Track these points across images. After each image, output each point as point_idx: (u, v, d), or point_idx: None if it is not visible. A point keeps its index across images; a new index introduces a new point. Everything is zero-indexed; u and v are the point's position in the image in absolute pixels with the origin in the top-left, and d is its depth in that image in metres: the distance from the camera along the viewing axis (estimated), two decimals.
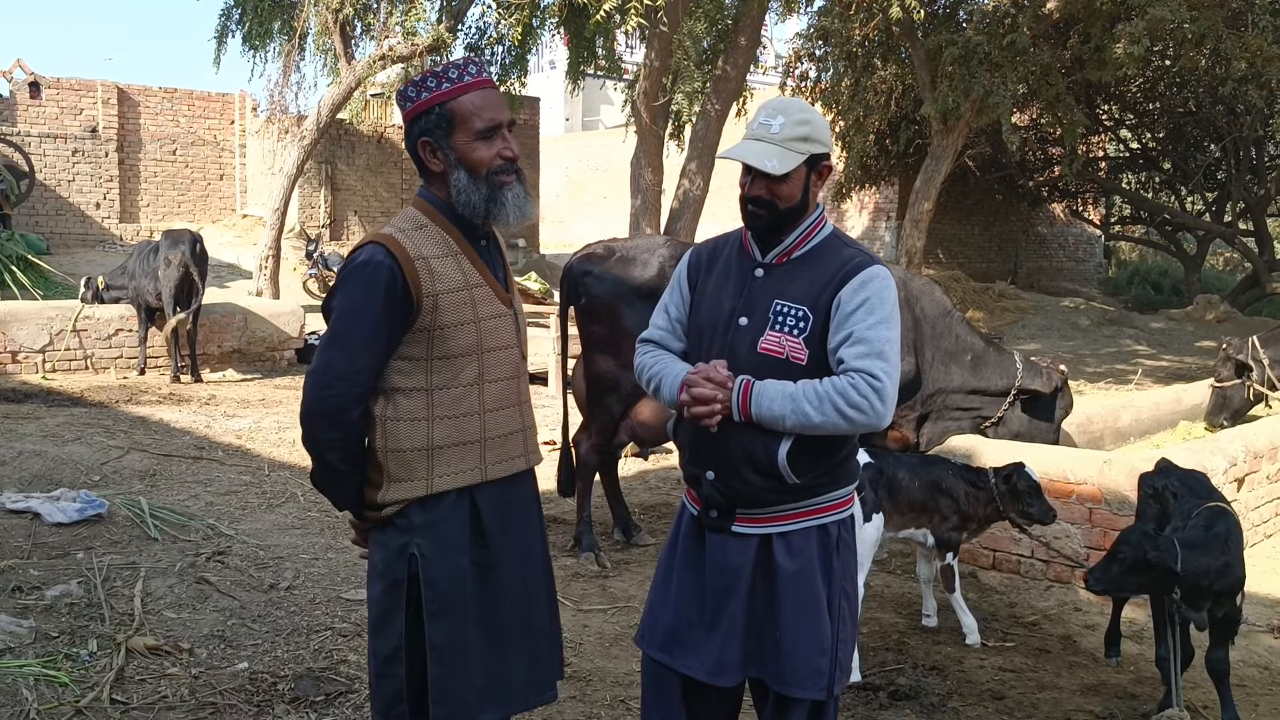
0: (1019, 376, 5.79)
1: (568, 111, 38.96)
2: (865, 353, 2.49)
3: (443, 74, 2.50)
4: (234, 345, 11.51)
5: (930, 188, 13.52)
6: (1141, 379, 12.64)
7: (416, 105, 2.51)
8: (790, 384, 2.54)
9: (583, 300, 5.63)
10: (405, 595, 2.49)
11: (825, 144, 2.64)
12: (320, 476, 2.54)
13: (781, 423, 2.52)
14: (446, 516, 2.51)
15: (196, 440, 7.98)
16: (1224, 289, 21.83)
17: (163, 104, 20.33)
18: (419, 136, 2.52)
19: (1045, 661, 4.49)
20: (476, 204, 2.50)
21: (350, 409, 2.44)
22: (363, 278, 2.43)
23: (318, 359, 2.48)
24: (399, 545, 2.51)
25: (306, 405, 2.46)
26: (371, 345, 2.44)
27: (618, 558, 5.69)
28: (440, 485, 2.50)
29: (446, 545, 2.50)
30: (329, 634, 4.45)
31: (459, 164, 2.50)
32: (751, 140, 2.64)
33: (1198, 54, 14.60)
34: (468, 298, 2.51)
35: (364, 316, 2.42)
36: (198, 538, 5.58)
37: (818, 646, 2.61)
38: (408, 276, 2.43)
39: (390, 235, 2.48)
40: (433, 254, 2.48)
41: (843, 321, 2.54)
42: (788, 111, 2.63)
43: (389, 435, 2.49)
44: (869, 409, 2.47)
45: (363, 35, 15.90)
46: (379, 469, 2.50)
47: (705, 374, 2.58)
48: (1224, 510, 3.87)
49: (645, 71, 13.11)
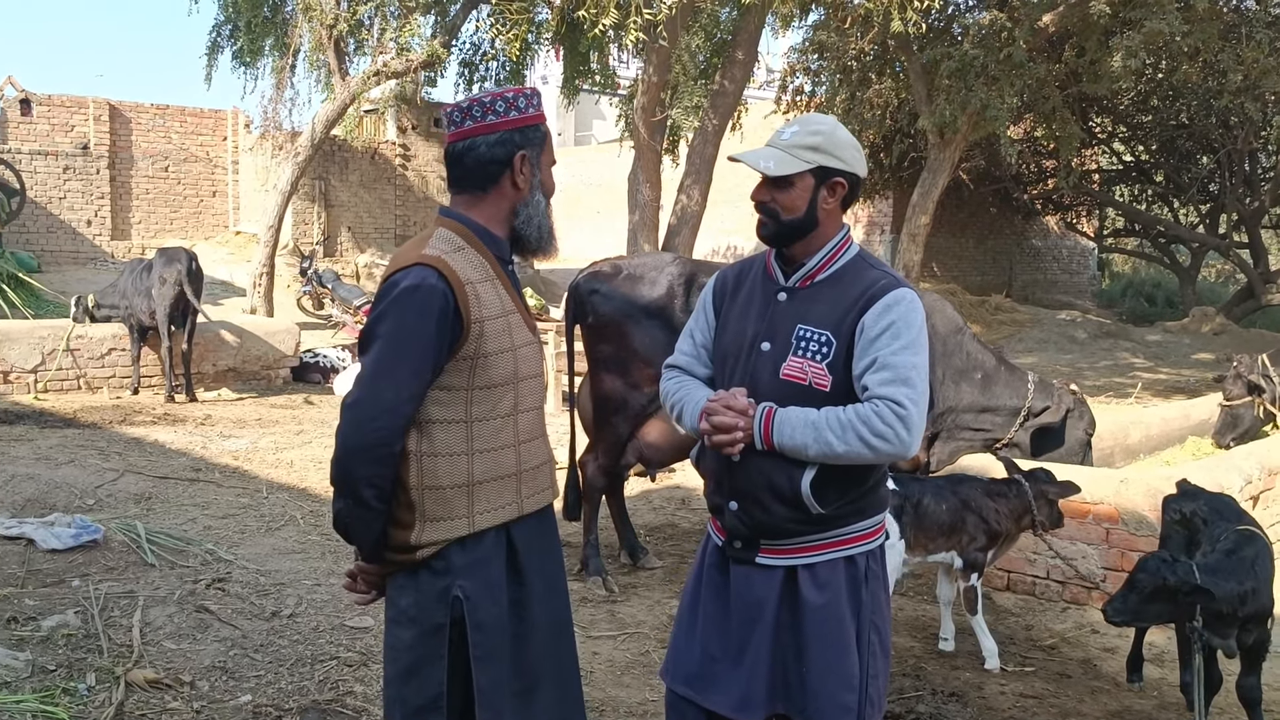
0: (1030, 396, 5.71)
1: (560, 126, 38.89)
2: (890, 379, 2.41)
3: (530, 97, 2.44)
4: (229, 364, 11.39)
5: (927, 201, 13.48)
6: (1141, 392, 12.60)
7: (528, 116, 2.42)
8: (813, 411, 2.46)
9: (590, 319, 5.55)
10: (447, 640, 2.37)
11: (840, 160, 2.55)
12: (349, 516, 2.36)
13: (804, 452, 2.44)
14: (489, 555, 2.40)
15: (193, 461, 7.87)
16: (1218, 301, 21.85)
17: (155, 120, 20.23)
18: (520, 147, 2.41)
19: (1066, 687, 4.40)
20: (546, 230, 2.47)
21: (395, 442, 2.31)
22: (414, 302, 2.29)
23: (362, 389, 2.32)
24: (439, 589, 2.37)
25: (348, 440, 2.30)
26: (420, 373, 2.31)
27: (625, 581, 5.59)
28: (482, 523, 2.38)
29: (490, 586, 2.39)
30: (334, 663, 4.34)
31: (539, 186, 2.44)
32: (764, 146, 2.60)
33: (1192, 67, 14.63)
34: (505, 324, 2.41)
35: (414, 343, 2.29)
36: (196, 563, 5.46)
37: (845, 683, 2.52)
38: (460, 301, 2.31)
39: (437, 256, 2.34)
40: (476, 278, 2.38)
41: (867, 347, 2.46)
42: (805, 123, 2.58)
43: (425, 472, 2.35)
44: (894, 438, 2.38)
45: (356, 51, 15.86)
46: (409, 508, 2.36)
47: (725, 401, 2.51)
48: (1253, 534, 3.79)
49: (643, 87, 13.05)
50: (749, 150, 2.59)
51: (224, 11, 15.80)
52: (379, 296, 2.37)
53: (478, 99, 2.44)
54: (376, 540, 2.40)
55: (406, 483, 2.36)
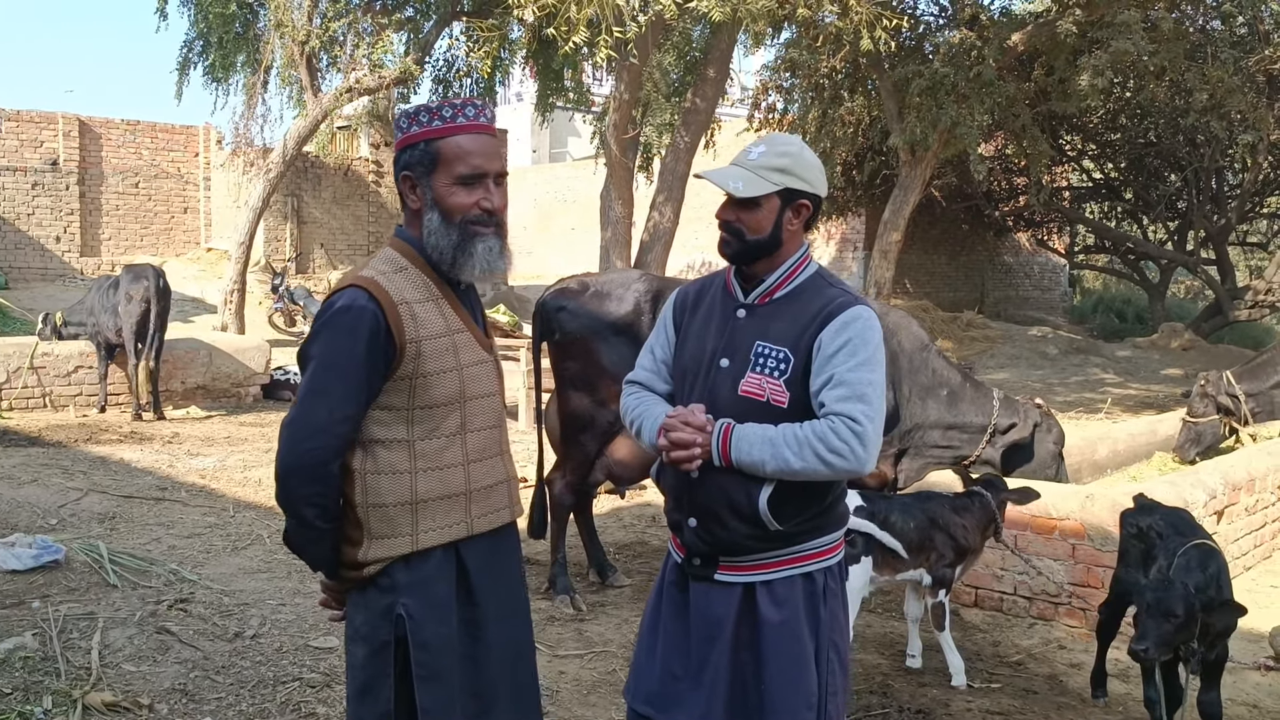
0: (996, 413, 5.72)
1: (535, 143, 38.97)
2: (846, 396, 2.42)
3: (437, 110, 2.39)
4: (198, 381, 11.29)
5: (899, 218, 13.55)
6: (1111, 408, 12.68)
7: (405, 137, 2.40)
8: (771, 428, 2.46)
9: (556, 336, 5.53)
10: (392, 658, 2.36)
11: (807, 182, 2.57)
12: (296, 535, 2.39)
13: (762, 468, 2.45)
14: (433, 574, 2.39)
15: (159, 480, 7.79)
16: (1187, 317, 22.05)
17: (125, 136, 20.11)
18: (402, 169, 2.41)
19: (1033, 703, 4.40)
20: (444, 249, 2.38)
21: (330, 462, 2.31)
22: (344, 323, 2.31)
23: (296, 409, 2.34)
24: (383, 606, 2.37)
25: (283, 459, 2.32)
26: (354, 394, 2.31)
27: (593, 600, 5.56)
28: (426, 541, 2.37)
29: (435, 605, 2.38)
30: (297, 685, 4.29)
31: (434, 205, 2.38)
32: (730, 165, 2.60)
33: (1158, 86, 14.80)
34: (450, 344, 2.40)
35: (345, 364, 2.30)
36: (159, 584, 5.40)
37: (804, 700, 2.52)
38: (391, 322, 2.31)
39: (371, 278, 2.35)
40: (415, 298, 2.37)
41: (824, 364, 2.47)
42: (773, 143, 2.59)
43: (369, 489, 2.36)
44: (850, 454, 2.40)
45: (329, 67, 15.82)
46: (358, 525, 2.37)
47: (684, 417, 2.51)
48: (1212, 549, 3.81)
49: (615, 104, 13.09)
50: (716, 169, 2.60)
51: (195, 28, 15.72)
52: (315, 318, 2.39)
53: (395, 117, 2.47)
54: (328, 558, 2.41)
55: (353, 500, 2.37)
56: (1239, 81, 13.51)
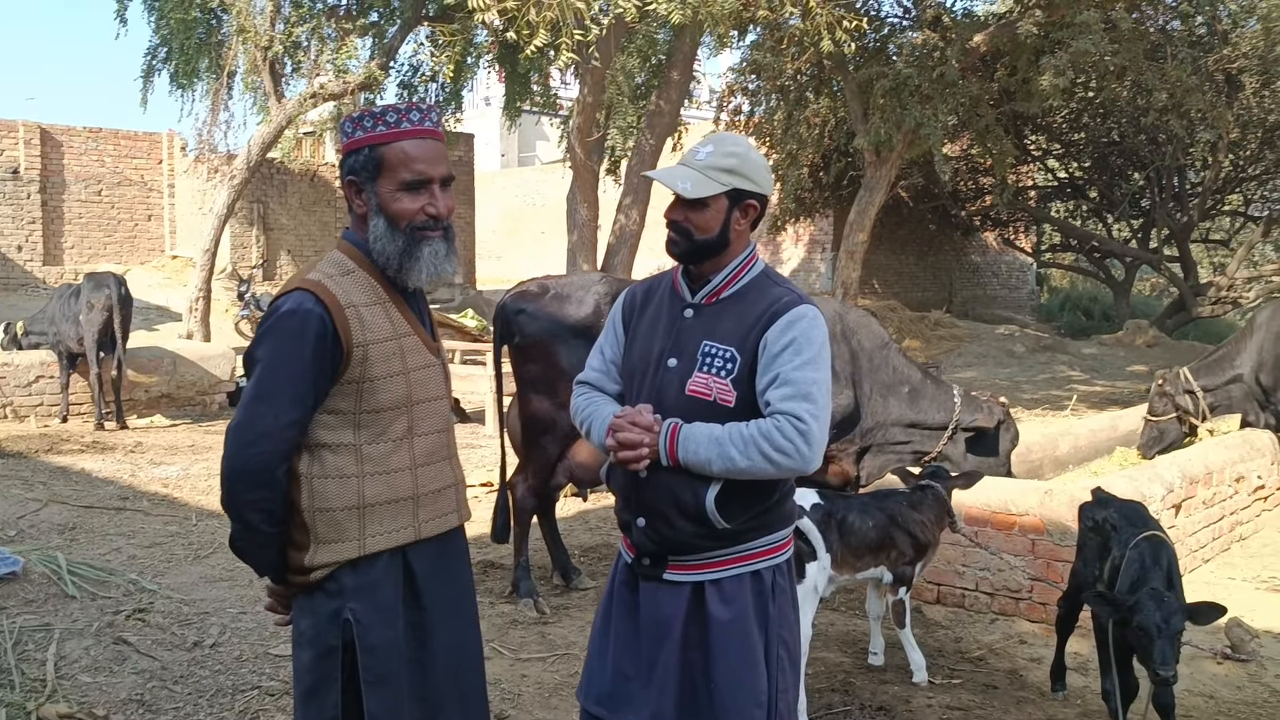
0: (957, 410, 5.76)
1: (503, 147, 38.93)
2: (791, 394, 2.44)
3: (381, 115, 2.38)
4: (162, 390, 11.19)
5: (865, 219, 13.62)
6: (1077, 405, 12.79)
7: (350, 142, 2.40)
8: (717, 427, 2.47)
9: (516, 339, 5.52)
10: (340, 663, 2.35)
11: (754, 182, 2.58)
12: (240, 540, 2.38)
13: (708, 467, 2.46)
14: (380, 579, 2.38)
15: (120, 490, 7.71)
16: (1151, 313, 22.29)
17: (87, 144, 19.91)
18: (347, 174, 2.41)
19: (993, 698, 4.43)
20: (390, 255, 2.38)
21: (276, 466, 2.30)
22: (290, 327, 2.30)
23: (241, 414, 2.33)
24: (330, 610, 2.36)
25: (229, 463, 2.31)
26: (300, 399, 2.30)
27: (557, 603, 5.55)
28: (373, 546, 2.36)
29: (382, 609, 2.37)
30: (255, 693, 4.26)
31: (379, 211, 2.38)
32: (678, 165, 2.61)
33: (1120, 85, 14.96)
34: (397, 348, 2.39)
35: (292, 368, 2.29)
36: (118, 594, 5.34)
37: (754, 698, 2.53)
38: (338, 325, 2.30)
39: (318, 281, 2.34)
40: (362, 301, 2.36)
41: (769, 363, 2.48)
42: (720, 143, 2.60)
43: (316, 494, 2.34)
44: (794, 453, 2.41)
45: (293, 73, 15.74)
46: (304, 530, 2.35)
47: (631, 418, 2.52)
48: (1162, 540, 3.85)
49: (579, 107, 13.09)
50: (664, 169, 2.61)
51: (157, 34, 15.60)
52: (262, 321, 2.38)
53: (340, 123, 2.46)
54: (274, 563, 2.40)
55: (299, 505, 2.36)
56: (1198, 81, 13.68)
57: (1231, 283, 20.07)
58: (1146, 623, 3.54)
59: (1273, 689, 4.56)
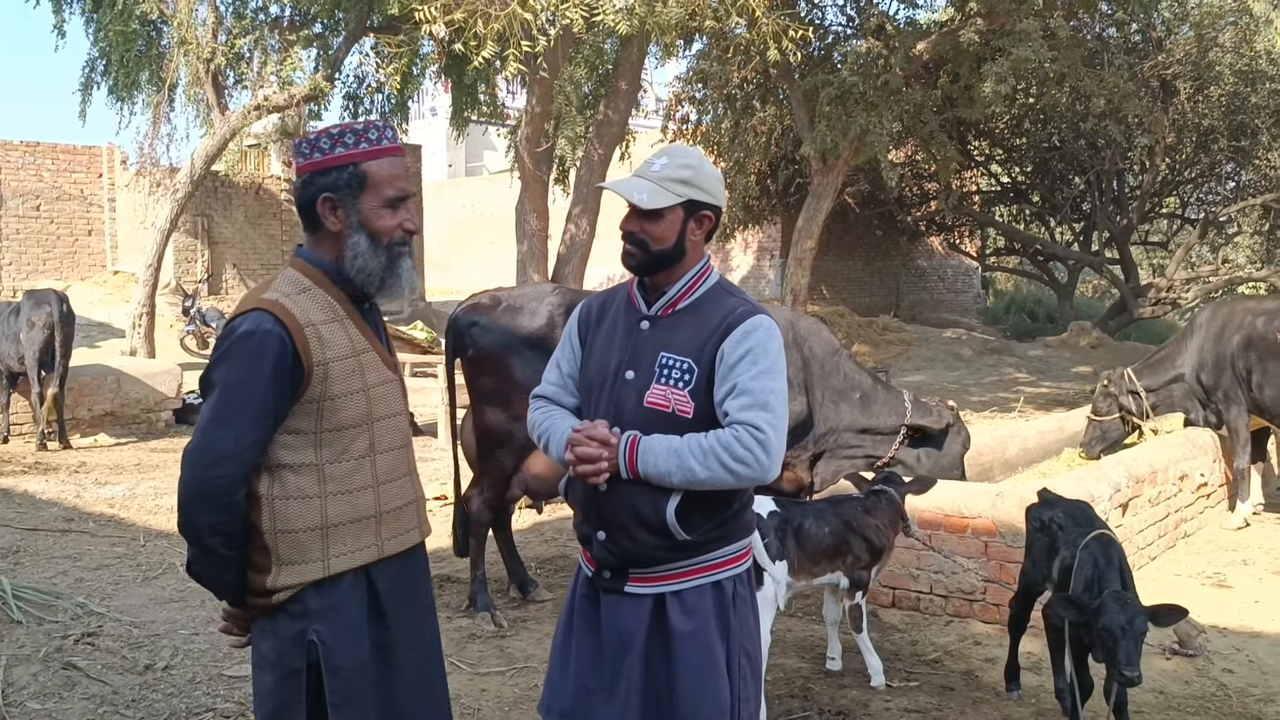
0: (908, 415, 5.82)
1: (450, 158, 38.77)
2: (749, 404, 2.45)
3: (363, 133, 2.38)
4: (106, 408, 10.99)
5: (813, 225, 13.73)
6: (1024, 406, 12.98)
7: (328, 159, 2.36)
8: (676, 439, 2.48)
9: (470, 352, 5.49)
10: (304, 685, 2.33)
11: (709, 194, 2.60)
12: (199, 564, 2.35)
13: (668, 479, 2.46)
14: (345, 599, 2.36)
15: (65, 511, 7.57)
16: (1094, 315, 22.67)
17: (24, 158, 19.52)
18: (321, 191, 2.37)
19: (949, 699, 4.48)
20: (373, 271, 2.38)
21: (236, 490, 2.27)
22: (248, 348, 2.26)
23: (199, 437, 2.29)
24: (294, 632, 2.33)
25: (187, 487, 2.27)
26: (259, 420, 2.27)
27: (514, 615, 5.53)
28: (337, 566, 2.34)
29: (348, 630, 2.35)
30: (210, 715, 4.20)
31: (360, 228, 2.37)
32: (633, 177, 2.62)
33: (1059, 91, 15.24)
34: (356, 365, 2.38)
35: (250, 390, 2.26)
36: (66, 618, 5.24)
37: (716, 708, 2.54)
38: (297, 344, 2.28)
39: (275, 300, 2.32)
40: (320, 319, 2.34)
41: (727, 373, 2.50)
42: (674, 154, 2.62)
43: (278, 515, 2.31)
44: (754, 462, 2.43)
45: (236, 85, 15.56)
46: (265, 552, 2.32)
47: (588, 432, 2.52)
48: (1110, 538, 3.92)
49: (527, 117, 13.08)
50: (620, 180, 2.62)
51: (96, 46, 15.34)
52: (218, 342, 2.35)
53: (305, 138, 2.43)
54: (234, 586, 2.37)
55: (260, 527, 2.32)
56: (1134, 87, 13.99)
57: (1170, 284, 20.48)
58: (1111, 625, 3.59)
59: (1220, 683, 4.66)
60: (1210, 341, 7.32)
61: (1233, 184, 20.92)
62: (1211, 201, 21.85)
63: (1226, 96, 17.15)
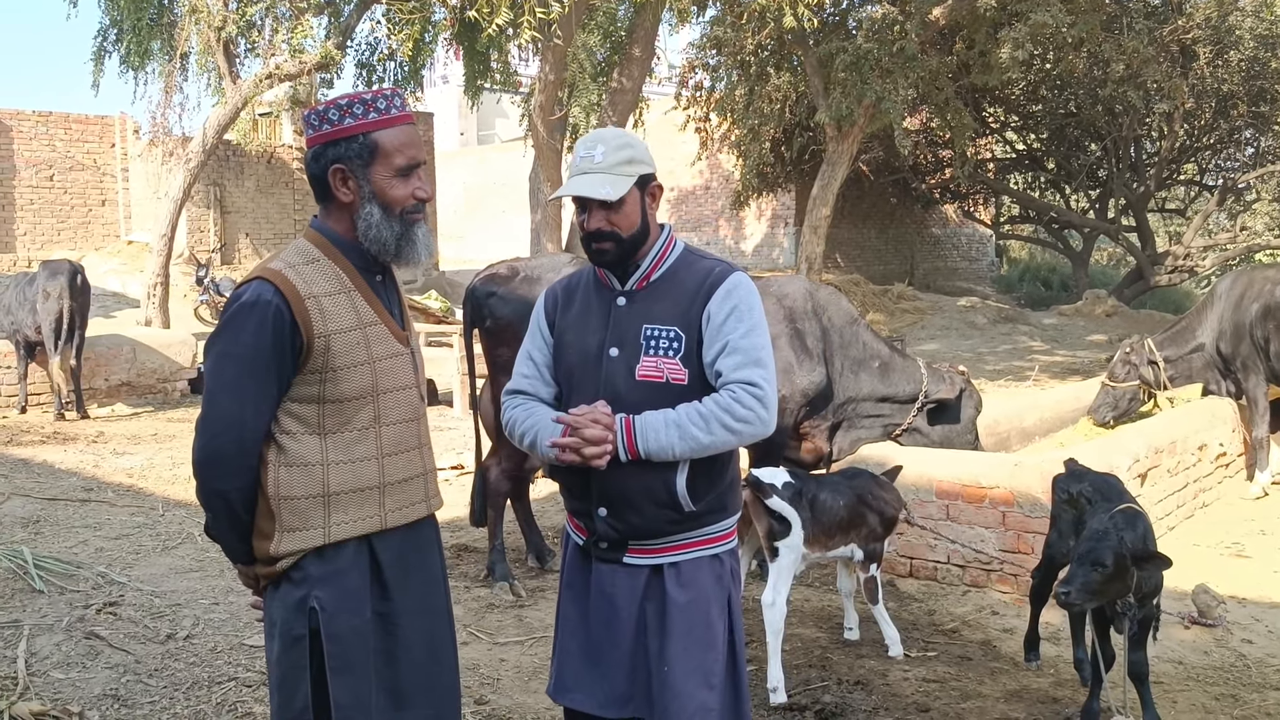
0: (924, 383, 5.81)
1: (462, 126, 38.60)
2: (743, 362, 2.49)
3: (371, 102, 2.37)
4: (122, 378, 11.03)
5: (827, 194, 13.66)
6: (1039, 375, 12.92)
7: (338, 130, 2.36)
8: (670, 411, 2.49)
9: (488, 322, 5.49)
10: (307, 651, 2.35)
11: (650, 164, 2.64)
12: (216, 526, 2.40)
13: (670, 452, 2.48)
14: (346, 567, 2.38)
15: (84, 481, 7.61)
16: (1110, 283, 22.54)
17: (37, 128, 19.49)
18: (332, 162, 2.37)
19: (968, 669, 4.48)
20: (388, 241, 2.39)
21: (243, 455, 2.32)
22: (249, 318, 2.29)
23: (205, 405, 2.34)
24: (297, 599, 2.36)
25: (198, 454, 2.33)
26: (262, 387, 2.31)
27: (532, 585, 5.55)
28: (338, 534, 2.36)
29: (348, 597, 2.37)
30: (232, 685, 4.23)
31: (373, 198, 2.37)
32: (579, 175, 2.60)
33: (1077, 57, 15.07)
34: (361, 338, 2.38)
35: (252, 360, 2.29)
36: (87, 587, 5.27)
37: (704, 681, 2.56)
38: (297, 316, 2.29)
39: (278, 271, 2.33)
40: (324, 291, 2.35)
41: (715, 333, 2.53)
42: (605, 140, 2.61)
43: (280, 482, 2.34)
44: (756, 419, 2.48)
45: (248, 53, 15.49)
46: (270, 518, 2.35)
47: (592, 415, 2.50)
48: (1138, 512, 3.89)
49: (541, 85, 13.01)
50: (570, 184, 2.60)
51: (108, 15, 15.29)
52: (222, 311, 2.39)
53: (316, 108, 2.42)
54: (245, 550, 2.41)
55: (265, 491, 2.36)
56: (1154, 52, 13.82)
57: (1188, 251, 20.34)
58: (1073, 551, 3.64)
59: (1239, 653, 4.65)
60: (1230, 310, 7.27)
61: (1252, 150, 20.73)
62: (1230, 168, 21.65)
63: (1246, 61, 16.96)
